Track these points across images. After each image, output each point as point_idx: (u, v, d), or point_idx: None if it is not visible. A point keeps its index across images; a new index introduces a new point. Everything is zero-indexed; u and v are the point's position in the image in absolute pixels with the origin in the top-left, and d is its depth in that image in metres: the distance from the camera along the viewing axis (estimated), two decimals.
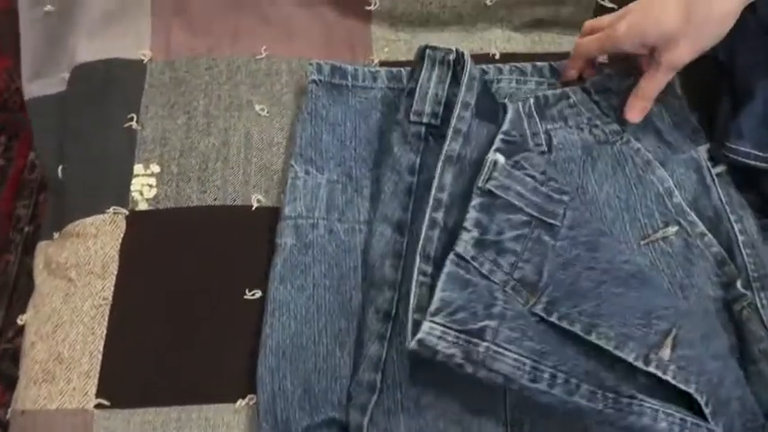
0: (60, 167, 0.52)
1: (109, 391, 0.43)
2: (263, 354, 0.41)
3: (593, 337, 0.38)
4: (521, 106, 0.49)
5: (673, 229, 0.45)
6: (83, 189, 0.50)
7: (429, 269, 0.39)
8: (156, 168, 0.50)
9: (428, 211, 0.40)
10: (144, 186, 0.50)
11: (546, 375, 0.35)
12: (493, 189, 0.40)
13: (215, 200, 0.49)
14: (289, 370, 0.41)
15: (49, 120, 0.56)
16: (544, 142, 0.48)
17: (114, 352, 0.44)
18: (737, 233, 0.44)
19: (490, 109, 0.47)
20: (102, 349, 0.44)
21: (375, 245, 0.44)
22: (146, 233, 0.48)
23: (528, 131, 0.48)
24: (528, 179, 0.41)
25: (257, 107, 0.52)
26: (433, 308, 0.36)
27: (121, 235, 0.48)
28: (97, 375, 0.43)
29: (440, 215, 0.41)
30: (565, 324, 0.38)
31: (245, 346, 0.43)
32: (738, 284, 0.42)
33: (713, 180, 0.46)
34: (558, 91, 0.50)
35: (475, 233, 0.39)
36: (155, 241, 0.48)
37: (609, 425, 0.36)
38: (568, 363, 0.36)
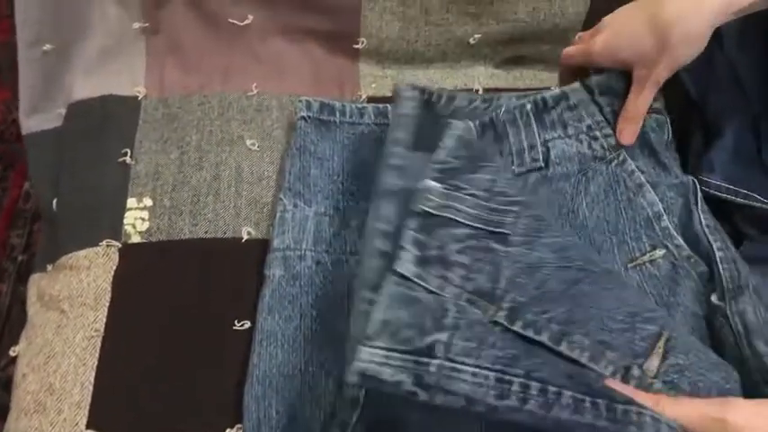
0: (55, 200, 0.54)
1: (99, 422, 0.43)
2: (249, 383, 0.42)
3: (563, 347, 0.34)
4: (518, 114, 0.49)
5: (660, 252, 0.45)
6: (76, 222, 0.52)
7: (382, 301, 0.35)
8: (148, 202, 0.52)
9: (373, 240, 0.38)
10: (137, 220, 0.51)
11: (515, 387, 0.30)
12: (429, 210, 0.38)
13: (206, 232, 0.50)
14: (275, 399, 0.42)
15: (45, 154, 0.57)
16: (541, 156, 0.48)
17: (105, 383, 0.45)
18: (716, 250, 0.44)
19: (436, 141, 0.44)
20: (93, 380, 0.45)
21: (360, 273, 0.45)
22: (138, 265, 0.49)
23: (525, 144, 0.48)
24: (468, 197, 0.39)
25: (248, 142, 0.54)
26: (370, 331, 0.32)
27: (114, 267, 0.49)
28: (88, 406, 0.44)
29: (384, 244, 0.38)
30: (530, 333, 0.35)
31: (233, 375, 0.44)
32: (713, 297, 0.43)
33: (696, 204, 0.47)
34: (558, 91, 0.49)
35: (414, 251, 0.36)
36: (147, 273, 0.49)
37: None
38: (544, 367, 0.32)
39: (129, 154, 0.53)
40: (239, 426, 0.43)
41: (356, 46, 0.57)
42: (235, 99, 0.56)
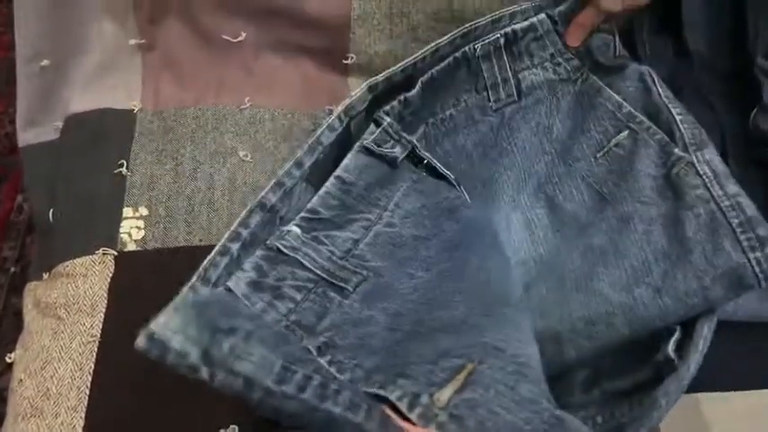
0: (51, 211, 0.55)
1: (95, 425, 0.45)
2: None
3: (359, 385, 0.35)
4: (491, 48, 0.52)
5: (624, 133, 0.49)
6: (73, 231, 0.53)
7: (204, 291, 0.37)
8: (144, 211, 0.53)
9: (224, 239, 0.39)
10: (132, 228, 0.52)
11: (298, 377, 0.30)
12: (281, 247, 0.40)
13: (200, 240, 0.52)
14: None
15: (41, 165, 0.59)
16: (514, 89, 0.52)
17: (102, 387, 0.46)
18: (675, 115, 0.47)
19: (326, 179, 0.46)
20: (89, 384, 0.46)
21: None
22: (134, 272, 0.50)
23: (499, 78, 0.52)
24: (323, 250, 0.41)
25: (241, 153, 0.56)
26: (178, 301, 0.32)
27: (110, 275, 0.50)
28: (84, 410, 0.45)
29: (235, 246, 0.39)
30: (333, 369, 0.36)
31: None
32: (677, 150, 0.45)
33: (653, 81, 0.50)
34: (527, 23, 0.52)
35: (252, 274, 0.38)
36: (143, 280, 0.50)
37: None
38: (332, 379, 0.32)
39: (125, 165, 0.55)
40: (233, 426, 0.44)
41: (346, 62, 0.60)
42: (229, 112, 0.58)
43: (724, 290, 0.40)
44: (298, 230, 0.41)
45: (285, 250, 0.40)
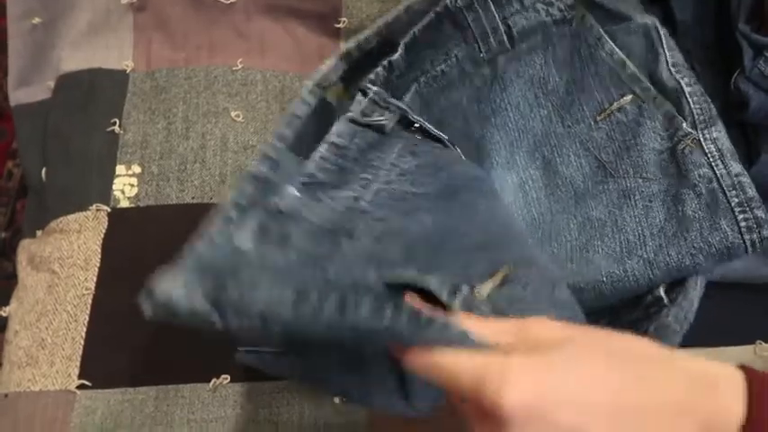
0: (44, 170, 0.56)
1: (90, 373, 0.46)
2: None
3: (389, 275, 0.32)
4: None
5: (627, 98, 0.47)
6: (66, 188, 0.54)
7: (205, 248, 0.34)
8: (137, 169, 0.54)
9: (221, 208, 0.36)
10: (125, 186, 0.53)
11: (313, 298, 0.28)
12: (282, 208, 0.38)
13: (193, 198, 0.53)
14: None
15: (34, 125, 0.59)
16: (505, 37, 0.48)
17: (96, 337, 0.47)
18: (684, 86, 0.46)
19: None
20: (84, 335, 0.47)
21: None
22: (127, 228, 0.51)
23: (488, 27, 0.48)
24: (324, 205, 0.39)
25: (233, 113, 0.57)
26: (176, 264, 0.30)
27: (104, 230, 0.51)
28: (79, 359, 0.46)
29: (234, 212, 0.36)
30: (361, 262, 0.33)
31: None
32: (684, 125, 0.45)
33: (661, 44, 0.48)
34: None
35: (256, 231, 0.35)
36: (136, 236, 0.51)
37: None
38: (349, 272, 0.30)
39: (117, 123, 0.55)
40: (225, 375, 0.46)
41: (338, 25, 0.60)
42: (220, 73, 0.58)
43: (714, 264, 0.41)
44: (297, 193, 0.39)
45: (286, 210, 0.37)
